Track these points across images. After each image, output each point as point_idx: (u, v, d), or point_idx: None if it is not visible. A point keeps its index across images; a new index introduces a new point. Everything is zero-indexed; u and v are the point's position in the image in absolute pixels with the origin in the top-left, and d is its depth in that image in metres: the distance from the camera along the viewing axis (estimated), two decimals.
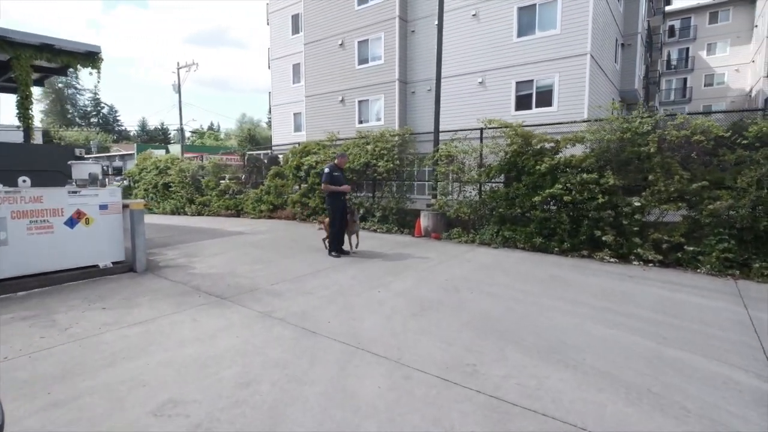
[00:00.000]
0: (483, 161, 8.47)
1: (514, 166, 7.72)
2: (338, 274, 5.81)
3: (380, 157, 9.63)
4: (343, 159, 7.15)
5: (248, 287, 5.18)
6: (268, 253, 7.28)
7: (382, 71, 18.09)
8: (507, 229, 7.74)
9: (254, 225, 11.13)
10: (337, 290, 5.05)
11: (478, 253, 7.29)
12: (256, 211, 12.79)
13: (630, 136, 6.49)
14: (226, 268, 6.22)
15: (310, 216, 11.28)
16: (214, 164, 14.73)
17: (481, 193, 8.60)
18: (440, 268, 6.15)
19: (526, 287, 5.18)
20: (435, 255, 7.10)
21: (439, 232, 8.79)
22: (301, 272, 5.91)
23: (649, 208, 6.46)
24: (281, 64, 23.89)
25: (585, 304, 4.54)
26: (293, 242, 8.39)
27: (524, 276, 5.73)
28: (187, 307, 4.43)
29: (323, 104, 20.33)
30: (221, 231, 10.11)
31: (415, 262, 6.58)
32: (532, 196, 7.33)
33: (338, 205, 6.94)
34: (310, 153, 11.24)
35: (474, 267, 6.25)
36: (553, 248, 7.15)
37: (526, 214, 7.63)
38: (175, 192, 15.79)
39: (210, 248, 7.85)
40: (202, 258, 6.95)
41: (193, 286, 5.28)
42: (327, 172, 6.82)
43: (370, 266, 6.30)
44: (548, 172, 7.16)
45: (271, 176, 12.53)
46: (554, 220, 7.15)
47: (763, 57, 28.67)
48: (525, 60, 15.01)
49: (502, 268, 6.17)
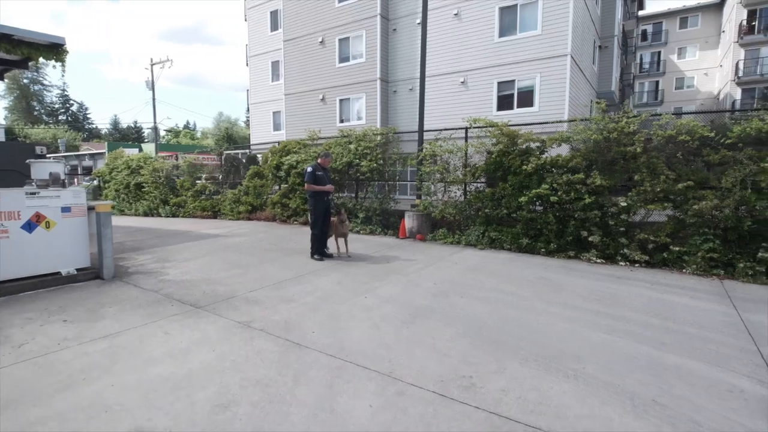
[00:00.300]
0: (468, 161, 8.33)
1: (500, 166, 7.61)
2: (322, 279, 5.54)
3: (363, 157, 9.39)
4: (326, 159, 6.88)
5: (225, 294, 4.86)
6: (246, 257, 6.94)
7: (363, 70, 17.83)
8: (493, 230, 7.62)
9: (232, 227, 10.71)
10: (321, 297, 4.79)
11: (465, 254, 7.13)
12: (234, 213, 12.35)
13: (616, 135, 6.45)
14: (202, 273, 5.87)
15: (291, 217, 10.94)
16: (189, 163, 14.18)
17: (467, 193, 8.47)
18: (428, 272, 5.95)
19: (516, 290, 5.03)
20: (421, 257, 6.90)
21: (424, 234, 8.61)
22: (282, 277, 5.61)
23: (635, 209, 6.43)
24: (260, 61, 23.33)
25: (578, 307, 4.41)
26: (273, 245, 8.06)
27: (513, 278, 5.59)
28: (157, 318, 4.09)
29: (303, 103, 19.93)
30: (197, 233, 9.68)
31: (401, 265, 6.37)
32: (518, 197, 7.23)
33: (321, 206, 6.67)
34: (290, 152, 10.90)
35: (462, 269, 6.09)
36: (540, 249, 7.06)
37: (512, 214, 7.53)
38: (148, 193, 15.14)
39: (184, 252, 7.45)
40: (176, 263, 6.56)
41: (165, 294, 4.92)
42: (310, 172, 6.54)
43: (355, 270, 6.06)
44: (534, 172, 7.07)
45: (250, 176, 12.12)
46: (541, 221, 7.06)
47: (731, 62, 29.77)
48: (507, 60, 15.02)
49: (490, 271, 6.02)
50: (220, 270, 6.05)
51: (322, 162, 6.81)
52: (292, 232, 9.70)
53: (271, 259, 6.82)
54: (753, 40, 27.99)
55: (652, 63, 38.51)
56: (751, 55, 28.47)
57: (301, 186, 10.40)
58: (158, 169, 15.05)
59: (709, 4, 35.38)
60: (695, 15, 36.56)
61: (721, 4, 34.37)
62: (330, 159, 6.96)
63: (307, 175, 6.56)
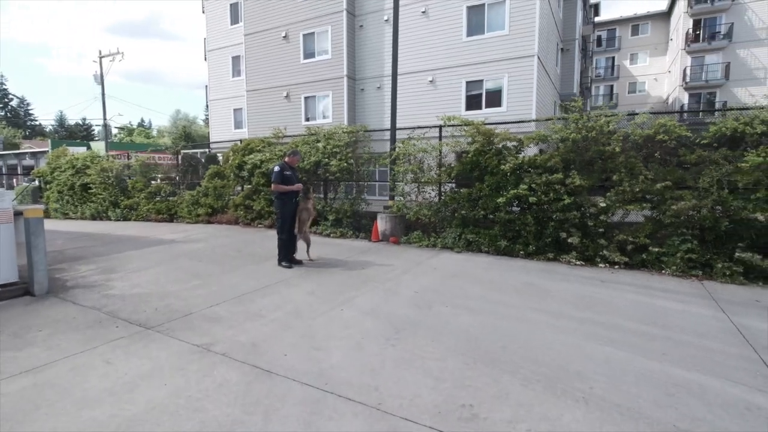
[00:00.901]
0: (443, 160, 8.04)
1: (477, 166, 7.36)
2: (292, 290, 5.03)
3: (332, 156, 8.90)
4: (294, 157, 6.35)
5: (182, 311, 4.27)
6: (206, 266, 6.30)
7: (329, 66, 17.27)
8: (470, 232, 7.36)
9: (190, 231, 9.91)
10: (292, 311, 4.29)
11: (443, 258, 6.82)
12: (192, 216, 11.49)
13: (594, 135, 6.34)
14: (155, 286, 5.21)
15: (255, 220, 10.26)
16: (142, 163, 13.11)
17: (441, 194, 8.18)
18: (406, 279, 5.57)
19: (503, 298, 4.74)
20: (398, 262, 6.52)
21: (397, 236, 8.23)
22: (247, 288, 5.06)
23: (613, 209, 6.34)
24: (219, 56, 22.21)
25: (570, 316, 4.16)
26: (236, 251, 7.43)
27: (497, 285, 5.31)
28: (98, 344, 3.47)
29: (266, 100, 19.10)
30: (150, 239, 8.84)
31: (377, 271, 5.96)
32: (496, 197, 7.00)
33: (289, 209, 6.14)
34: (253, 150, 10.22)
35: (442, 275, 5.75)
36: (519, 251, 6.85)
37: (489, 216, 7.29)
38: (95, 194, 13.90)
39: (135, 261, 6.69)
40: (125, 274, 5.83)
41: (110, 312, 4.26)
42: (278, 171, 6.00)
43: (327, 278, 5.59)
44: (512, 172, 6.86)
45: (210, 176, 11.31)
46: (519, 222, 6.86)
47: (679, 68, 31.45)
48: (475, 60, 14.95)
49: (472, 276, 5.72)
50: (176, 281, 5.41)
51: (290, 161, 6.28)
52: (256, 236, 9.06)
53: (234, 267, 6.21)
54: (698, 48, 29.67)
55: (606, 68, 40.16)
56: (697, 62, 30.17)
57: (266, 187, 9.76)
58: (107, 168, 13.84)
59: (658, 13, 37.33)
60: (645, 23, 38.48)
61: (669, 14, 36.33)
62: (298, 158, 6.43)
63: (274, 174, 6.01)
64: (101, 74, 31.00)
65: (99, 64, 31.05)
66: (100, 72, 31.09)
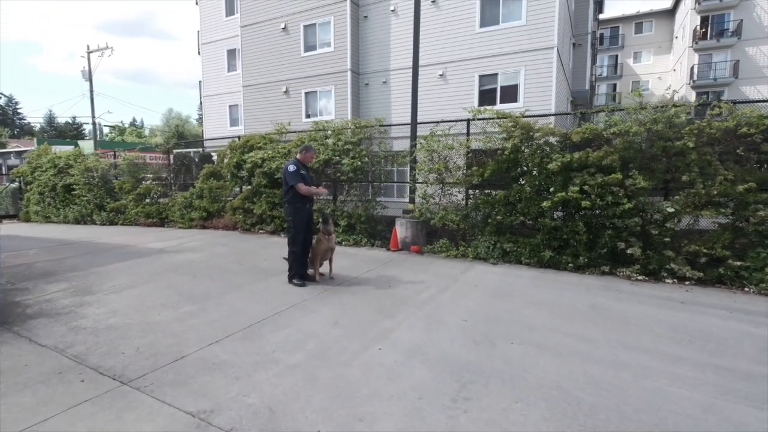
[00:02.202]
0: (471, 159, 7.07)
1: (515, 165, 6.41)
2: (310, 318, 4.04)
3: (344, 154, 7.90)
4: (308, 154, 5.32)
5: (171, 352, 3.27)
6: (201, 284, 5.28)
7: (332, 60, 16.25)
8: (506, 241, 6.40)
9: (183, 238, 8.87)
10: (316, 351, 3.30)
11: (479, 272, 5.85)
12: (185, 220, 10.43)
13: (660, 128, 5.40)
14: (138, 313, 4.19)
15: (255, 225, 9.24)
16: (129, 162, 12.01)
17: (469, 196, 7.22)
18: (446, 300, 4.60)
19: (576, 329, 3.78)
20: (428, 278, 5.55)
21: (419, 245, 7.26)
22: (253, 316, 4.06)
23: (681, 215, 5.41)
24: (214, 49, 21.09)
25: (677, 358, 3.21)
26: (237, 263, 6.41)
27: (559, 308, 4.35)
28: (52, 412, 2.46)
29: (264, 95, 18.04)
30: (137, 248, 7.79)
31: (408, 290, 4.98)
32: (539, 201, 6.05)
33: (302, 216, 5.14)
34: (254, 148, 9.19)
35: (487, 295, 4.78)
36: (566, 264, 5.91)
37: (530, 221, 6.35)
38: (79, 196, 12.79)
39: (116, 277, 5.65)
40: (102, 296, 4.80)
41: (76, 355, 3.25)
42: (294, 171, 4.98)
43: (350, 300, 4.60)
44: (560, 171, 5.90)
45: (204, 176, 10.26)
46: (567, 230, 5.91)
47: (685, 66, 30.78)
48: (489, 52, 14.01)
49: (522, 296, 4.76)
50: (165, 306, 4.39)
51: (303, 158, 5.26)
52: (258, 244, 8.04)
53: (236, 285, 5.20)
54: (706, 45, 28.99)
55: (609, 66, 39.47)
56: (704, 60, 29.50)
57: (268, 188, 8.75)
58: (92, 168, 12.74)
59: (662, 11, 36.69)
60: (649, 21, 37.82)
61: (673, 11, 35.69)
62: (312, 154, 5.41)
63: (289, 174, 4.98)
64: (89, 70, 29.75)
65: (87, 59, 29.80)
66: (88, 68, 29.84)
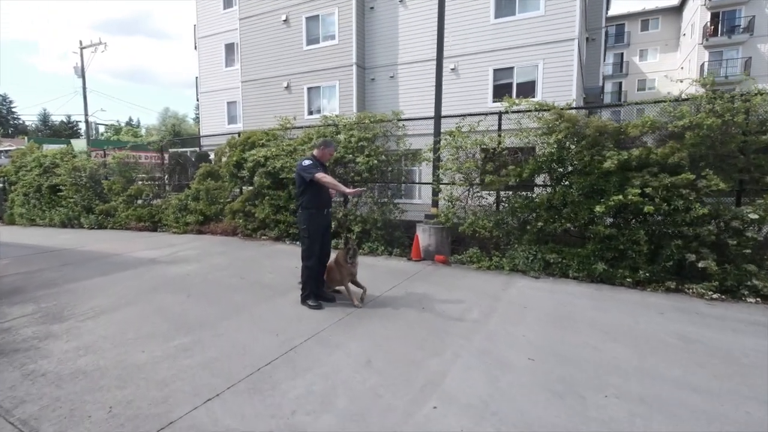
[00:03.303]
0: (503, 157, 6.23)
1: (559, 163, 5.57)
2: (335, 356, 3.18)
3: (358, 151, 7.04)
4: (327, 150, 4.43)
5: (154, 415, 2.40)
6: (196, 305, 4.41)
7: (336, 53, 15.38)
8: (549, 251, 5.56)
9: (176, 245, 7.98)
10: (349, 410, 2.44)
11: (522, 288, 5.01)
12: (179, 224, 9.54)
13: (740, 120, 4.58)
14: (115, 350, 3.31)
15: (258, 230, 8.36)
16: (119, 161, 11.10)
17: (501, 199, 6.38)
18: (496, 327, 3.75)
19: (678, 372, 2.93)
20: (464, 295, 4.69)
21: (445, 254, 6.42)
22: (261, 354, 3.19)
23: (766, 223, 4.58)
24: (211, 43, 20.16)
25: None
26: (238, 277, 5.54)
27: (643, 340, 3.51)
28: None
29: (264, 91, 17.14)
30: (124, 258, 6.90)
31: (446, 313, 4.12)
32: (590, 205, 5.21)
33: (318, 223, 4.28)
34: (255, 145, 8.32)
35: (544, 321, 3.93)
36: (623, 278, 5.07)
37: (575, 228, 5.52)
38: (65, 197, 11.88)
39: (96, 296, 4.77)
40: (75, 323, 3.92)
41: (24, 419, 2.38)
42: (309, 164, 4.13)
43: (380, 328, 3.74)
44: (616, 170, 5.06)
45: (201, 176, 9.38)
46: (625, 239, 5.07)
47: (695, 64, 30.04)
48: (504, 45, 13.17)
49: (589, 323, 3.91)
50: (151, 338, 3.52)
51: (321, 155, 4.38)
52: (262, 253, 7.17)
53: (238, 306, 4.33)
54: (717, 42, 28.28)
55: (615, 64, 38.74)
56: (715, 57, 28.79)
57: (271, 189, 7.87)
58: (79, 167, 11.83)
59: (669, 8, 35.98)
60: (656, 18, 37.10)
61: (681, 8, 34.97)
62: (333, 150, 4.53)
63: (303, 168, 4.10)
64: (82, 66, 28.76)
65: (80, 55, 28.83)
66: (81, 64, 28.85)
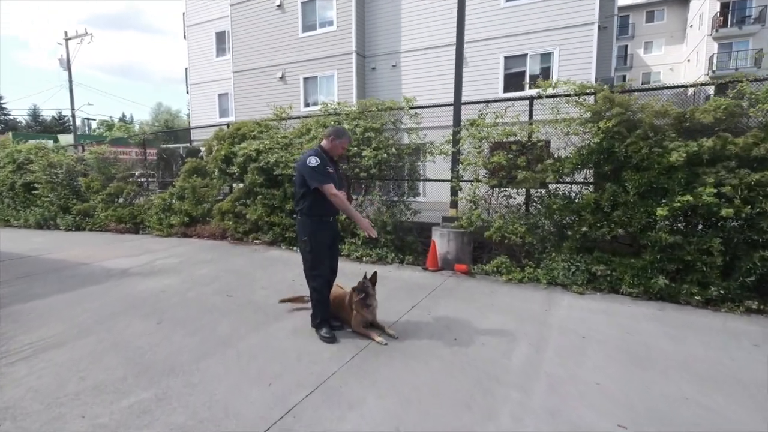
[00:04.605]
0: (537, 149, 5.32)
1: (610, 156, 4.67)
2: (348, 421, 2.27)
3: (365, 144, 6.11)
4: (340, 142, 3.41)
5: None
6: (168, 337, 3.48)
7: (334, 40, 14.39)
8: (595, 261, 4.67)
9: (157, 252, 7.03)
10: None
11: (569, 308, 4.11)
12: (163, 226, 8.56)
13: None
14: (43, 414, 2.38)
15: (249, 233, 7.42)
16: (97, 156, 10.09)
17: (532, 199, 5.48)
18: (557, 369, 2.85)
19: None
20: (503, 320, 3.79)
21: (466, 263, 5.51)
22: (249, 419, 2.28)
23: None
24: (201, 32, 19.07)
25: None
26: (223, 294, 4.61)
27: (753, 385, 2.62)
28: None
29: (257, 82, 16.13)
30: (91, 269, 5.95)
31: (487, 347, 3.22)
32: (649, 207, 4.32)
33: (324, 235, 3.35)
34: (246, 137, 7.37)
35: (614, 357, 3.04)
36: (690, 296, 4.19)
37: (629, 234, 4.63)
38: (40, 196, 10.87)
39: (46, 322, 3.83)
40: (2, 366, 2.98)
41: None
42: (317, 165, 3.20)
43: (406, 373, 2.83)
44: (682, 165, 4.16)
45: (186, 173, 8.41)
46: (692, 248, 4.19)
47: (703, 56, 29.18)
48: (516, 30, 12.25)
49: (672, 360, 3.02)
50: (99, 392, 2.59)
51: (331, 147, 3.39)
52: (253, 261, 6.24)
53: (221, 338, 3.41)
54: (726, 33, 27.43)
55: (619, 57, 37.82)
56: (724, 49, 27.95)
57: (264, 187, 6.93)
58: (55, 164, 10.81)
59: None
60: (661, 9, 36.19)
61: None
62: (346, 143, 3.51)
63: (310, 171, 3.17)
64: (67, 59, 27.52)
65: (65, 47, 27.61)
66: (67, 56, 27.61)
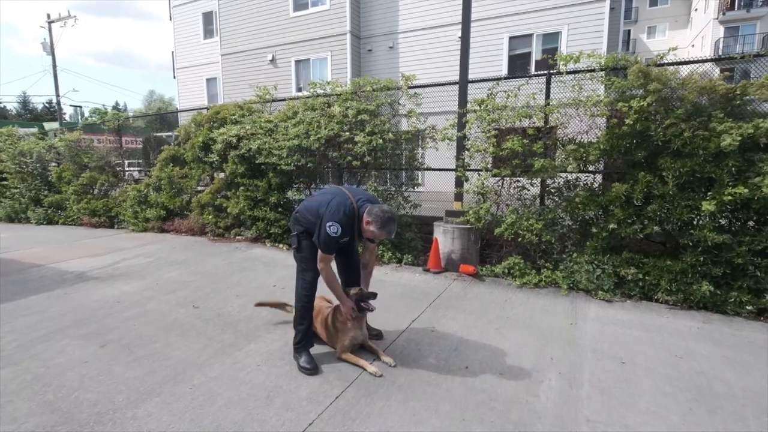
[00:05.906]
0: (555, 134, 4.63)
1: (644, 140, 3.98)
2: None
3: (358, 128, 5.38)
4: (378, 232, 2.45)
5: None
6: (107, 369, 2.80)
7: (327, 21, 13.51)
8: (625, 263, 4.01)
9: (125, 250, 6.33)
10: None
11: (600, 322, 3.46)
12: (139, 221, 7.84)
13: None
14: None
15: (231, 229, 6.72)
16: (68, 144, 9.29)
17: (549, 191, 4.79)
18: (600, 412, 2.20)
19: None
20: (523, 337, 3.14)
21: (473, 264, 4.85)
22: None
23: None
24: (187, 12, 18.08)
25: None
26: (190, 305, 3.92)
27: None
28: None
29: (247, 65, 15.26)
30: (43, 272, 5.24)
31: (508, 380, 2.57)
32: (692, 200, 3.65)
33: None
34: (227, 122, 6.62)
35: (667, 392, 2.39)
36: (740, 305, 3.55)
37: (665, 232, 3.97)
38: (9, 188, 10.12)
39: None
40: None
41: None
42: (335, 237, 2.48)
43: (409, 421, 2.17)
44: (736, 150, 3.48)
45: (163, 162, 7.65)
46: (744, 249, 3.53)
47: (709, 40, 28.32)
48: (521, 8, 11.43)
49: (742, 396, 2.38)
50: None
51: (364, 227, 2.51)
52: (232, 262, 5.54)
53: (175, 370, 2.73)
54: (733, 16, 26.54)
55: (622, 42, 36.88)
56: (730, 33, 27.08)
57: (246, 178, 6.21)
58: (26, 152, 10.02)
59: None
60: None
61: None
62: (383, 237, 2.50)
63: (325, 235, 2.46)
64: (51, 42, 26.37)
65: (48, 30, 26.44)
66: (50, 40, 26.46)
